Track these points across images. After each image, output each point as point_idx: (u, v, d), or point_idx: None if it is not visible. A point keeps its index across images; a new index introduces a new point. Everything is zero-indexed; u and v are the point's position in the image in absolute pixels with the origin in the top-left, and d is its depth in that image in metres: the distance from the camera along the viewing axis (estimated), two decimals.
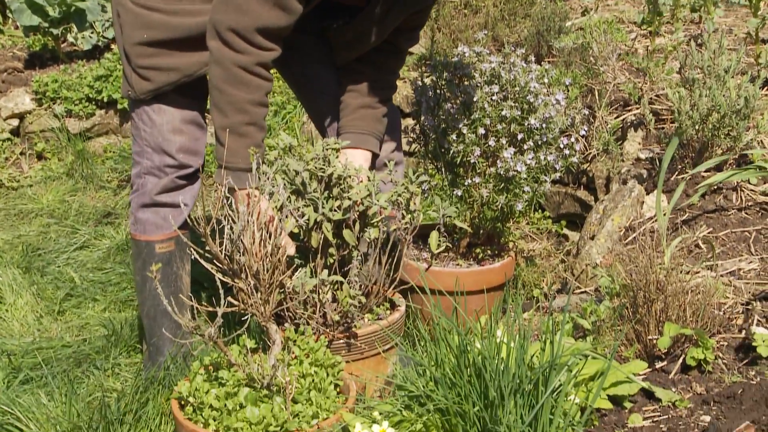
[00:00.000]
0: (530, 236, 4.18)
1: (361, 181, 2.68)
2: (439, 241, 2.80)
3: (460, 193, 3.21)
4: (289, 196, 2.57)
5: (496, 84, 3.17)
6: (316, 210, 2.62)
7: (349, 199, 2.60)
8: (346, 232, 2.61)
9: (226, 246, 2.35)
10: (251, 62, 2.61)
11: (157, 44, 2.83)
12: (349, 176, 2.66)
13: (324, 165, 2.63)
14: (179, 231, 2.88)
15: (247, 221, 2.34)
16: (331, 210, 2.61)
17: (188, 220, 2.35)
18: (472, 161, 3.15)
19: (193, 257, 2.34)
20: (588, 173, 3.99)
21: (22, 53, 6.15)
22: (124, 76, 2.95)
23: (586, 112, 3.79)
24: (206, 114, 3.06)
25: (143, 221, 2.98)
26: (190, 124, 2.95)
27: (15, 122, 5.58)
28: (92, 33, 6.00)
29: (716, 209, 3.23)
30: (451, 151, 3.17)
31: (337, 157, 2.70)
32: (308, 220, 2.59)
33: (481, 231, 3.33)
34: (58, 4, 5.66)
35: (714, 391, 2.32)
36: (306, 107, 3.31)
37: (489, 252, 3.33)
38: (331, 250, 2.66)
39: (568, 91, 3.97)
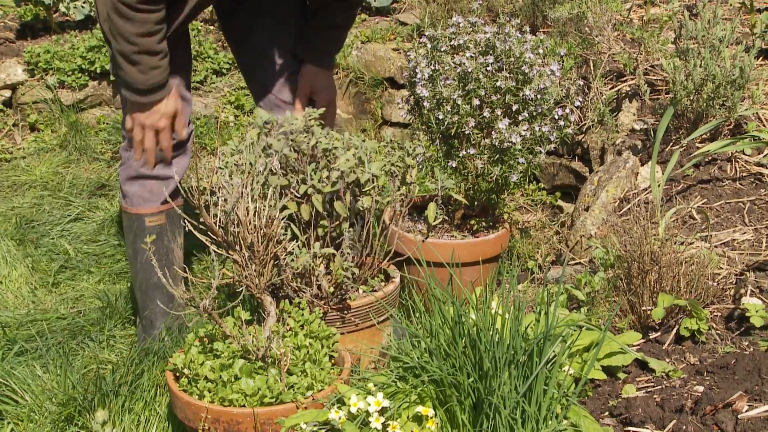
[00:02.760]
0: (525, 208, 4.18)
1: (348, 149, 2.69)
2: (436, 213, 2.80)
3: (454, 165, 3.21)
4: (267, 178, 2.56)
5: (490, 55, 3.15)
6: (303, 183, 2.61)
7: (337, 169, 2.59)
8: (337, 204, 2.60)
9: (219, 218, 2.34)
10: (134, 1, 2.63)
11: None
12: (335, 147, 2.65)
13: (306, 137, 2.62)
14: (169, 204, 2.88)
15: (241, 193, 2.33)
16: (319, 181, 2.60)
17: (180, 192, 2.35)
18: (466, 132, 3.14)
19: (186, 229, 2.34)
20: (583, 144, 3.98)
21: (13, 23, 6.10)
22: (111, 55, 2.95)
23: (581, 83, 3.77)
24: (190, 86, 3.06)
25: (130, 194, 2.98)
26: None
27: (7, 93, 5.54)
28: (84, 3, 5.95)
29: (711, 180, 3.23)
30: (446, 123, 3.16)
31: (320, 126, 2.71)
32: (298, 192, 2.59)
33: (476, 202, 3.33)
34: None
35: (707, 361, 2.33)
36: (240, 66, 3.35)
37: (484, 224, 3.33)
38: (323, 222, 2.66)
39: (563, 61, 3.95)
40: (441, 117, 3.17)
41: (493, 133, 3.11)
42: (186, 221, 2.37)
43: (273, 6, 3.09)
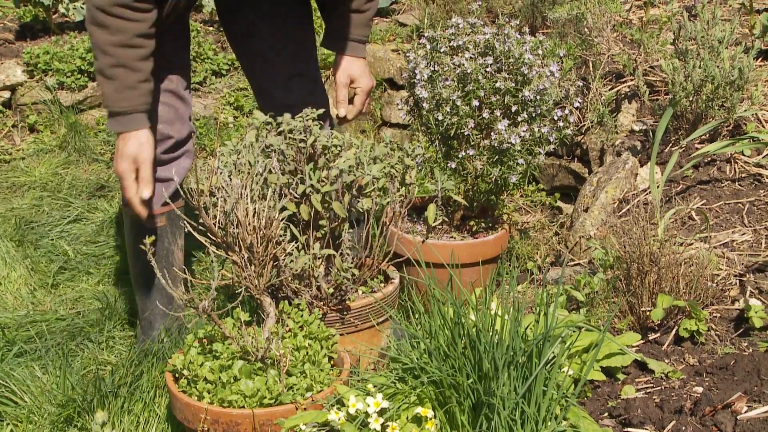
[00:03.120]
0: (524, 209, 4.18)
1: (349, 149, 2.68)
2: (435, 214, 2.80)
3: (454, 166, 3.21)
4: (266, 178, 2.56)
5: (490, 56, 3.16)
6: (302, 182, 2.61)
7: (337, 168, 2.59)
8: (335, 204, 2.60)
9: (219, 219, 2.34)
10: (108, 3, 2.55)
11: None
12: (335, 145, 2.66)
13: (305, 136, 2.62)
14: (169, 205, 2.87)
15: (241, 194, 2.33)
16: (319, 181, 2.60)
17: (181, 193, 2.35)
18: (466, 133, 3.14)
19: (187, 230, 2.34)
20: (582, 145, 3.98)
21: (12, 24, 6.10)
22: None
23: (581, 84, 3.78)
24: (189, 86, 3.05)
25: None
26: (169, 93, 2.92)
27: (6, 94, 5.54)
28: (83, 4, 5.95)
29: (710, 181, 3.23)
30: (445, 124, 3.16)
31: (320, 127, 2.70)
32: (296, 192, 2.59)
33: (475, 203, 3.33)
34: None
35: (707, 362, 2.33)
36: (243, 68, 3.32)
37: (483, 225, 3.33)
38: (322, 222, 2.66)
39: (563, 62, 3.95)
40: (440, 118, 3.17)
41: (492, 134, 3.11)
42: (185, 222, 2.37)
43: (274, 7, 3.08)
